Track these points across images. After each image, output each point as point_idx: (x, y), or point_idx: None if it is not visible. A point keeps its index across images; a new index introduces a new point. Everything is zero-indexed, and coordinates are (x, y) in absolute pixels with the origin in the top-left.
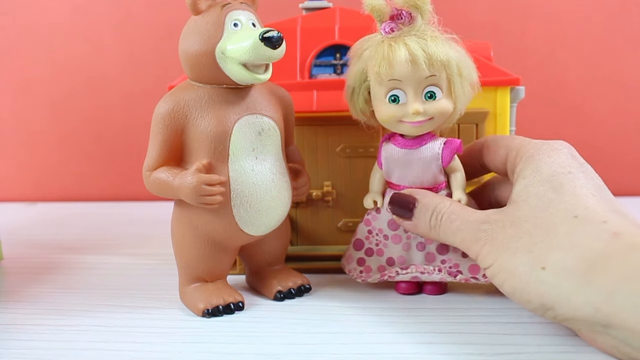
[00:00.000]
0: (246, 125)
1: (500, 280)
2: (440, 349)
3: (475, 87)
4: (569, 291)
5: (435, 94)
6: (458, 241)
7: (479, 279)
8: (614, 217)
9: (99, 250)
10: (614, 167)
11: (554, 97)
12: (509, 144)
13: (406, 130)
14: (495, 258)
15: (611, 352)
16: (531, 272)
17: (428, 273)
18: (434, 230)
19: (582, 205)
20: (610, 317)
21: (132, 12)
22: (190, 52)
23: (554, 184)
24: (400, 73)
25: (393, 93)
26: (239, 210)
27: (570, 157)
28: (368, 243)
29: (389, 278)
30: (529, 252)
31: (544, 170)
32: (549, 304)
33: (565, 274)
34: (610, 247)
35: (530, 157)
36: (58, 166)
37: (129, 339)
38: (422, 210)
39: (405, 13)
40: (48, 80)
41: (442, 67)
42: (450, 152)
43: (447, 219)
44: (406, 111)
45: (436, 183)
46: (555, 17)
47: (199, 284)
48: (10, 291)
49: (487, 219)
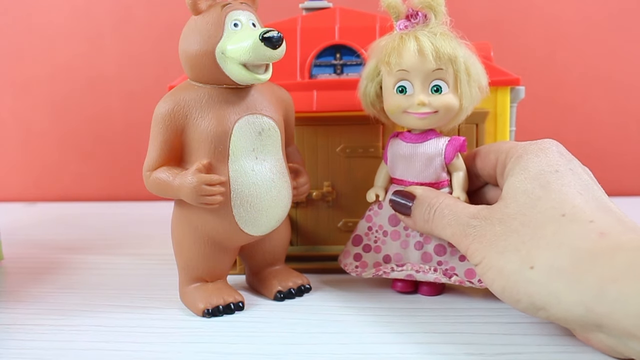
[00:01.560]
0: (246, 125)
1: (490, 279)
2: (440, 349)
3: (484, 90)
4: (559, 291)
5: (441, 88)
6: (449, 235)
7: (474, 283)
8: (601, 216)
9: (99, 250)
10: (614, 167)
11: (554, 97)
12: (499, 149)
13: (411, 123)
14: (484, 256)
15: (607, 351)
16: (519, 271)
17: (423, 272)
18: (427, 223)
19: (570, 203)
20: (602, 317)
21: (132, 12)
22: (190, 52)
23: (541, 182)
24: (408, 63)
25: (401, 84)
26: (239, 210)
27: (558, 155)
28: (367, 239)
29: (383, 274)
30: (517, 250)
31: (531, 168)
32: (539, 303)
33: (554, 274)
34: (597, 246)
35: (519, 157)
36: (58, 166)
37: (129, 339)
38: (418, 204)
39: (421, 14)
40: (48, 80)
41: (449, 62)
42: (453, 148)
43: (440, 213)
44: (412, 102)
45: (438, 180)
46: (555, 17)
47: (199, 284)
48: (10, 291)
49: (477, 215)
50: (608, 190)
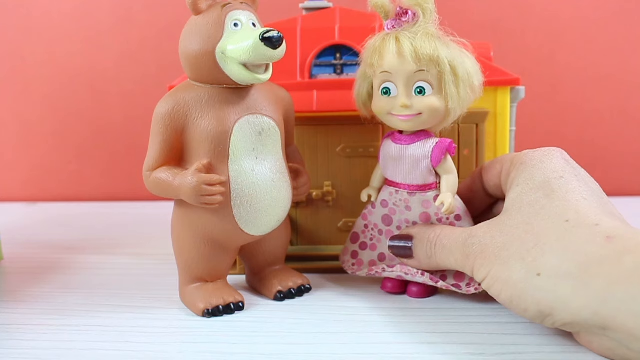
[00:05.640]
0: (246, 125)
1: (497, 291)
2: (440, 348)
3: (477, 90)
4: (566, 295)
5: (424, 90)
6: (453, 263)
7: (461, 288)
8: (607, 220)
9: (99, 250)
10: (614, 167)
11: (554, 97)
12: (503, 158)
13: (397, 124)
14: (489, 270)
15: (607, 354)
16: (526, 280)
17: (412, 274)
18: (431, 259)
19: (573, 209)
20: (607, 320)
21: (132, 12)
22: (190, 52)
23: (546, 191)
24: (389, 65)
25: (385, 85)
26: (239, 210)
27: (563, 162)
28: (363, 237)
29: (375, 273)
30: (522, 259)
31: (537, 177)
32: (547, 310)
33: (561, 279)
34: (603, 250)
35: (523, 165)
36: (58, 166)
37: (129, 339)
38: (417, 244)
39: (410, 12)
40: (48, 80)
41: (432, 63)
42: (440, 151)
43: (440, 245)
44: (395, 104)
45: (425, 182)
46: (555, 17)
47: (199, 284)
48: (10, 291)
49: (472, 233)
50: (608, 190)
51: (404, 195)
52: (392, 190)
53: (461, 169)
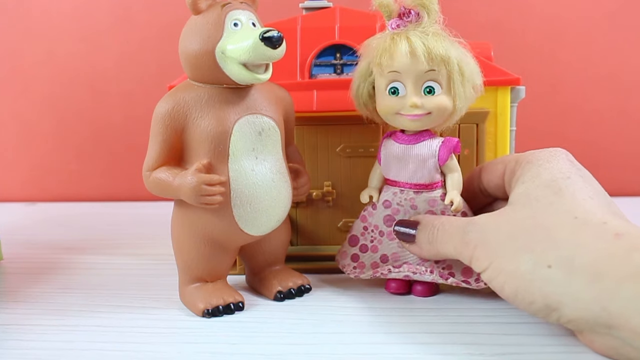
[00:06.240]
0: (246, 125)
1: (500, 283)
2: (440, 349)
3: (478, 90)
4: (578, 289)
5: (434, 89)
6: (452, 250)
7: (470, 283)
8: (613, 219)
9: (99, 250)
10: (614, 167)
11: (554, 97)
12: (505, 158)
13: (404, 124)
14: (492, 260)
15: (609, 353)
16: (535, 271)
17: (420, 273)
18: (432, 244)
19: (581, 207)
20: (614, 316)
21: (131, 12)
22: (190, 52)
23: (553, 189)
24: (400, 65)
25: (393, 85)
26: (239, 210)
27: (568, 163)
28: (363, 239)
29: (381, 275)
30: (531, 251)
31: (543, 175)
32: (554, 304)
33: (574, 272)
34: (613, 246)
35: (529, 163)
36: (58, 166)
37: (129, 339)
38: (422, 228)
39: (414, 12)
40: (48, 80)
41: (442, 63)
42: (447, 150)
43: (442, 229)
44: (404, 104)
45: (432, 181)
46: (555, 17)
47: (199, 284)
48: (10, 291)
49: (473, 221)
50: (608, 190)
51: (410, 195)
52: (396, 190)
53: (461, 168)
